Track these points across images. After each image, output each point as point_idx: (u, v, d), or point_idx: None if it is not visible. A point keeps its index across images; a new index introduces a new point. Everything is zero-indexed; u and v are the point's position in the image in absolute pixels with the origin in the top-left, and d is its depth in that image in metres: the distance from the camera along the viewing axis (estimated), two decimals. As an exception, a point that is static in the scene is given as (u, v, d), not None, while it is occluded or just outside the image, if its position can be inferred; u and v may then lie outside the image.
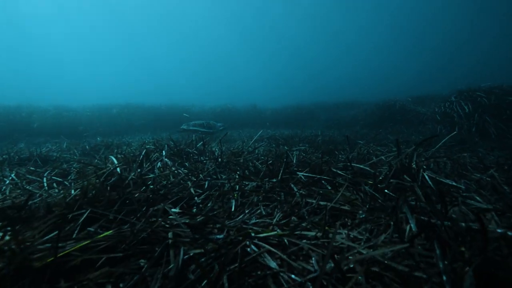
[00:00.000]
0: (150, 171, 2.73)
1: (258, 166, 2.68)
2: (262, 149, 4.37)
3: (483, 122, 5.06)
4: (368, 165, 2.51)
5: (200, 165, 2.94)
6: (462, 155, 3.29)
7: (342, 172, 2.28)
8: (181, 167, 2.85)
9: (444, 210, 1.24)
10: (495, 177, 2.14)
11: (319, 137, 6.70)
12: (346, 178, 2.09)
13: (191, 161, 3.15)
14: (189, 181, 2.19)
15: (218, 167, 2.79)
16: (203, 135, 6.55)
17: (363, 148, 3.83)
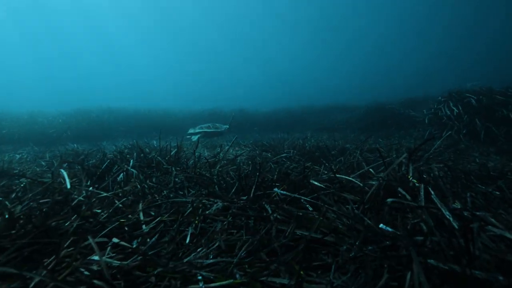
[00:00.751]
0: (110, 185, 2.37)
1: (230, 180, 2.34)
2: (245, 157, 4.03)
3: (474, 124, 4.85)
4: (358, 176, 2.20)
5: (169, 177, 2.59)
6: (460, 162, 3.02)
7: (327, 185, 1.97)
8: (146, 179, 2.49)
9: (468, 248, 0.91)
10: (504, 189, 1.85)
11: (308, 141, 6.41)
12: (330, 193, 1.77)
13: (160, 173, 2.79)
14: (141, 201, 1.83)
15: (188, 181, 2.45)
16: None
17: (351, 154, 3.52)
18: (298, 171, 2.64)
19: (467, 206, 1.55)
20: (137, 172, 2.60)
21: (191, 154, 4.05)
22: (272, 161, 3.42)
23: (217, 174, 2.56)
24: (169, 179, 2.49)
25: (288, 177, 2.12)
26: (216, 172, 2.61)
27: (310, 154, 4.16)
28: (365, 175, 2.30)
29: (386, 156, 3.22)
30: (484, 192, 1.84)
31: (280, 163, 3.36)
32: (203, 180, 2.41)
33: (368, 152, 3.79)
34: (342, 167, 2.83)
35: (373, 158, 3.37)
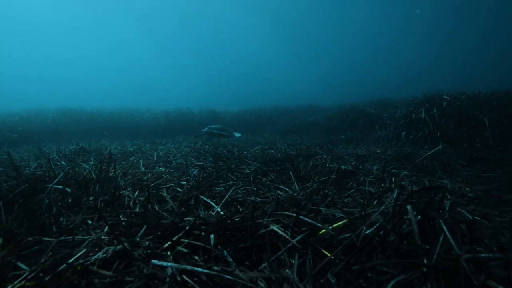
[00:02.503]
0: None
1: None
2: (196, 171, 3.52)
3: (448, 129, 4.65)
4: (325, 217, 1.77)
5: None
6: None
7: (286, 233, 1.51)
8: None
9: None
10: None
11: (276, 144, 6.00)
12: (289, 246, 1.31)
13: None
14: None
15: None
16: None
17: (317, 170, 3.11)
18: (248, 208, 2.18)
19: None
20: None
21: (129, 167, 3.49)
22: (228, 176, 2.94)
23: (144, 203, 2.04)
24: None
25: (239, 213, 1.64)
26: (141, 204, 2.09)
27: (272, 164, 3.72)
28: (338, 211, 1.88)
29: (360, 171, 2.84)
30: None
31: (234, 181, 2.89)
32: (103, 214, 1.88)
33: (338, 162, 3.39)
34: (306, 196, 2.40)
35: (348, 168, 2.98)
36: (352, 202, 1.94)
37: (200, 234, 1.46)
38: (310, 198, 1.92)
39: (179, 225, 1.52)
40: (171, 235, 1.47)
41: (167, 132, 9.41)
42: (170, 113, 10.22)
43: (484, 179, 2.70)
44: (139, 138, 8.63)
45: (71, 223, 1.73)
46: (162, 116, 9.87)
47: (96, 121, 9.25)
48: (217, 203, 2.09)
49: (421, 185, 2.35)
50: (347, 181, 2.60)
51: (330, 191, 2.15)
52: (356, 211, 1.65)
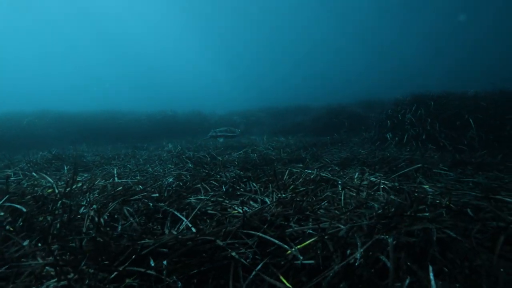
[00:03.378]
0: None
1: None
2: (172, 179, 3.36)
3: (434, 129, 4.60)
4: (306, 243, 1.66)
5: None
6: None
7: (247, 254, 1.38)
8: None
9: None
10: None
11: (261, 147, 5.88)
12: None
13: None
14: None
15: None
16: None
17: (295, 177, 3.00)
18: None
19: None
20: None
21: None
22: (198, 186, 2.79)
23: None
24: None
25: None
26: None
27: (253, 170, 3.60)
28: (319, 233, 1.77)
29: (344, 178, 2.73)
30: None
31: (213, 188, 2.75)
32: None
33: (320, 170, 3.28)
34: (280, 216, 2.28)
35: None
36: (326, 214, 1.84)
37: (156, 258, 1.33)
38: (281, 212, 1.80)
39: (133, 249, 1.39)
40: (123, 261, 1.33)
41: (150, 135, 9.18)
42: (153, 115, 9.97)
43: (465, 185, 2.63)
44: (121, 142, 8.39)
45: (20, 249, 1.57)
46: (145, 119, 9.62)
47: (75, 124, 8.95)
48: (188, 214, 1.97)
49: (398, 199, 2.26)
50: (326, 190, 2.50)
51: (305, 202, 2.03)
52: (328, 226, 1.54)
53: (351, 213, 1.67)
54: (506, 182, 2.59)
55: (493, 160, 3.49)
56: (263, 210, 1.86)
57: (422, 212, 1.55)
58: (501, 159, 3.53)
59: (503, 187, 2.41)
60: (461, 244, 1.19)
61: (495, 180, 2.71)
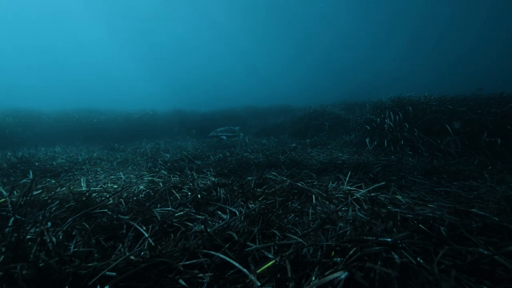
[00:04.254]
0: None
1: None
2: (143, 186, 3.22)
3: (411, 135, 4.63)
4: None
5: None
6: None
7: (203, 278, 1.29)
8: None
9: None
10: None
11: (241, 149, 5.79)
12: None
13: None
14: None
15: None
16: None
17: (269, 185, 2.93)
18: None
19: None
20: None
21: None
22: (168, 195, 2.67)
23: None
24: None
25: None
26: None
27: (228, 175, 3.51)
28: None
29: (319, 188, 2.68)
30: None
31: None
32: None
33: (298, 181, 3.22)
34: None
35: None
36: (293, 229, 1.77)
37: (104, 283, 1.22)
38: (247, 228, 1.72)
39: (78, 275, 1.27)
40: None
41: (129, 135, 8.89)
42: (132, 114, 9.65)
43: (438, 195, 2.64)
44: (97, 142, 8.09)
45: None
46: (123, 118, 9.30)
47: (49, 124, 8.54)
48: (154, 227, 1.86)
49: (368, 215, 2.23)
50: (298, 200, 2.45)
51: (273, 215, 1.97)
52: (293, 245, 1.48)
53: (318, 230, 1.61)
54: (482, 193, 2.62)
55: (468, 168, 3.54)
56: (229, 226, 1.77)
57: (390, 232, 1.51)
58: (476, 167, 3.59)
59: (477, 198, 2.42)
60: (424, 272, 1.15)
61: (470, 191, 2.73)
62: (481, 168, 3.60)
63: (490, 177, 3.14)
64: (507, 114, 4.11)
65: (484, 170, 3.48)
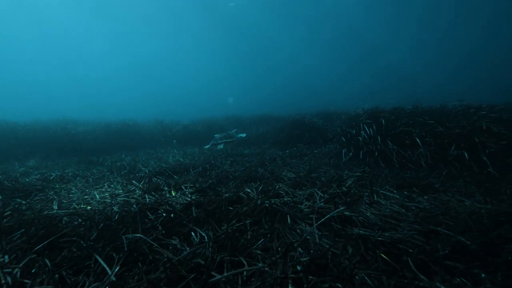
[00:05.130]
0: None
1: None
2: (116, 207, 3.18)
3: (385, 147, 4.77)
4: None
5: None
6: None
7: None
8: None
9: None
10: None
11: (219, 162, 5.78)
12: None
13: None
14: None
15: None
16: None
17: (242, 204, 2.95)
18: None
19: None
20: None
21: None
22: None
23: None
24: None
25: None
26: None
27: (206, 192, 3.51)
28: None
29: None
30: None
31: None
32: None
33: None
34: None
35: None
36: (262, 255, 1.80)
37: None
38: (215, 255, 1.74)
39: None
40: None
41: (108, 147, 8.70)
42: (111, 125, 9.45)
43: (409, 210, 2.73)
44: (75, 155, 7.88)
45: None
46: (102, 129, 9.09)
47: (24, 136, 8.25)
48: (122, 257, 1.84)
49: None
50: (272, 219, 2.48)
51: (242, 239, 1.99)
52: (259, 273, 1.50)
53: (281, 258, 1.65)
54: (451, 207, 2.72)
55: (438, 180, 3.68)
56: (195, 254, 1.78)
57: (352, 259, 1.56)
58: (446, 180, 3.73)
59: (446, 214, 2.51)
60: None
61: (440, 205, 2.83)
62: (451, 180, 3.76)
63: (459, 190, 3.29)
64: (474, 127, 4.31)
65: (455, 182, 3.65)
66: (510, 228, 2.08)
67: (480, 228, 2.12)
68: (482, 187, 3.37)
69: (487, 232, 2.02)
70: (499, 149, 3.94)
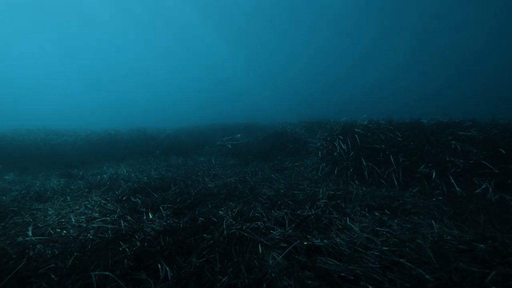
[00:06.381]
0: None
1: None
2: (91, 234, 3.17)
3: (359, 163, 4.91)
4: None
5: None
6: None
7: None
8: None
9: None
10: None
11: (200, 178, 5.80)
12: None
13: None
14: None
15: None
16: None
17: (215, 229, 2.99)
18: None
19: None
20: None
21: None
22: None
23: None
24: None
25: None
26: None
27: (187, 212, 3.53)
28: None
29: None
30: None
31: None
32: None
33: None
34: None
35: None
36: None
37: None
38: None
39: None
40: None
41: (90, 158, 8.58)
42: (92, 135, 9.30)
43: (380, 235, 2.83)
44: (55, 168, 7.75)
45: None
46: (83, 139, 8.94)
47: (1, 147, 8.04)
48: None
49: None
50: (242, 248, 2.54)
51: (209, 274, 2.04)
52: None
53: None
54: (418, 234, 2.83)
55: (410, 201, 3.81)
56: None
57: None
58: (417, 198, 3.88)
59: (412, 240, 2.60)
60: None
61: (410, 229, 2.93)
62: (424, 198, 3.91)
63: (429, 212, 3.41)
64: (444, 144, 4.49)
65: (428, 200, 3.80)
66: (468, 261, 2.21)
67: (441, 260, 2.23)
68: (452, 208, 3.50)
69: (446, 265, 2.13)
70: (468, 167, 4.11)
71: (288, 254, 2.42)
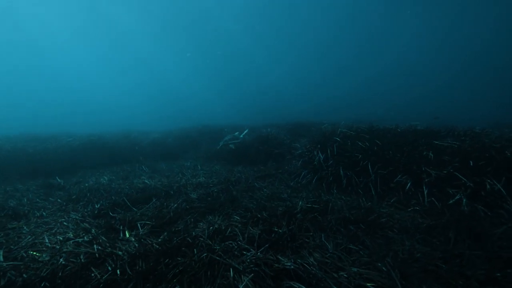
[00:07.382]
0: None
1: None
2: (62, 259, 3.12)
3: (337, 173, 4.95)
4: None
5: None
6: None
7: None
8: None
9: None
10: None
11: (184, 188, 5.77)
12: None
13: None
14: None
15: None
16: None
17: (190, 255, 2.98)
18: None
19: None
20: None
21: None
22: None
23: None
24: None
25: None
26: None
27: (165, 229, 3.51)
28: None
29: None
30: None
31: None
32: None
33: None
34: None
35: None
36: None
37: None
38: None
39: None
40: None
41: (72, 165, 8.42)
42: (74, 141, 9.10)
43: (355, 253, 2.86)
44: (36, 177, 7.59)
45: None
46: (65, 146, 8.73)
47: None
48: None
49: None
50: (214, 273, 2.55)
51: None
52: None
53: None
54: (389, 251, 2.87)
55: (386, 212, 3.86)
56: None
57: None
58: (394, 209, 3.94)
59: (384, 257, 2.64)
60: None
61: (381, 248, 2.96)
62: (401, 208, 3.97)
63: (402, 226, 3.46)
64: (421, 154, 4.55)
65: (404, 211, 3.86)
66: (432, 283, 2.26)
67: (406, 283, 2.28)
68: (426, 220, 3.56)
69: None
70: (443, 177, 4.18)
71: (259, 278, 2.43)
